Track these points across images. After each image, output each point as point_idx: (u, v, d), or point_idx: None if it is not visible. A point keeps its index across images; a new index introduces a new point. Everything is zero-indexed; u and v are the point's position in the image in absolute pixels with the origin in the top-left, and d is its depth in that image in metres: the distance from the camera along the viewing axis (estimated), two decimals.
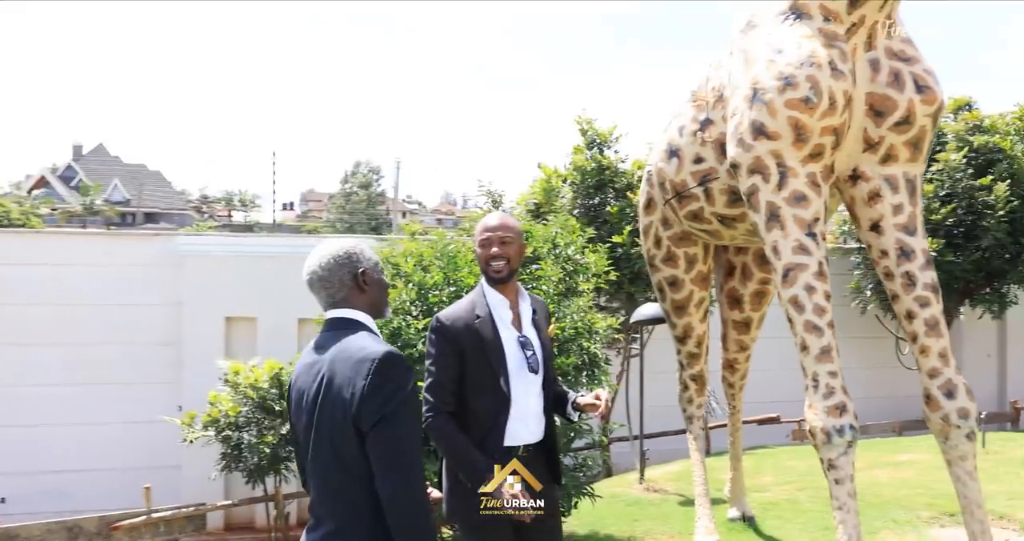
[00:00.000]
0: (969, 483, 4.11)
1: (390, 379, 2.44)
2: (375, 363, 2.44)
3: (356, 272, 2.72)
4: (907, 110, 4.16)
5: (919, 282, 4.18)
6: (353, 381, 2.45)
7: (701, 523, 5.57)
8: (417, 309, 5.28)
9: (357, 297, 2.73)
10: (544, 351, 3.54)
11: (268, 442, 9.02)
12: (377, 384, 2.42)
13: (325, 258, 2.73)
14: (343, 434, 2.46)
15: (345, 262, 2.73)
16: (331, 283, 2.73)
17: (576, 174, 10.72)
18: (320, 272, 2.73)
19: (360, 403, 2.42)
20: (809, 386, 4.07)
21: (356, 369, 2.46)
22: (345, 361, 2.51)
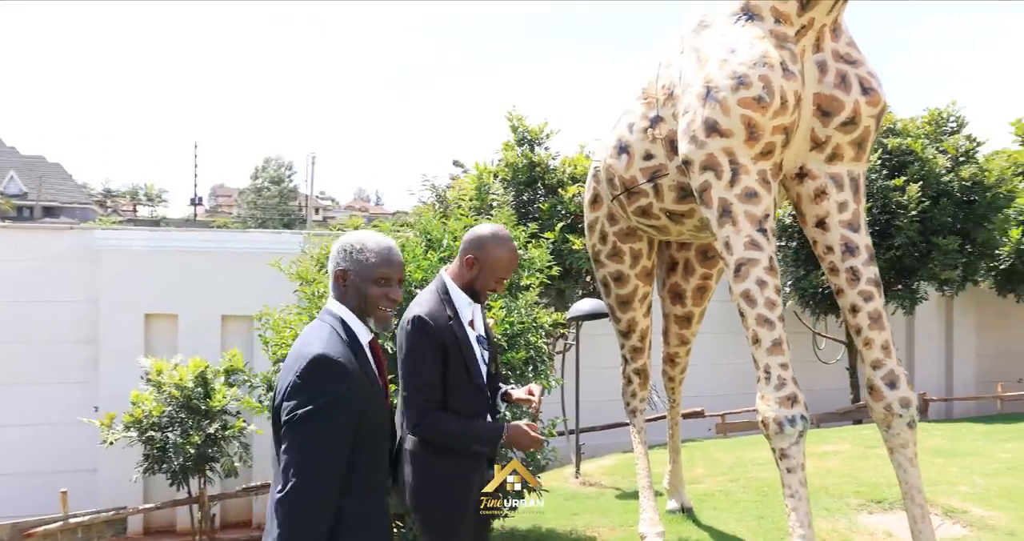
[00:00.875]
0: (910, 469, 4.26)
1: (315, 380, 2.44)
2: (306, 362, 2.45)
3: (342, 268, 2.71)
4: (853, 111, 4.30)
5: (863, 277, 4.33)
6: (286, 376, 2.50)
7: (646, 515, 5.66)
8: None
9: (339, 294, 2.74)
10: (493, 348, 3.60)
11: (194, 442, 8.83)
12: (301, 384, 2.43)
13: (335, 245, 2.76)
14: (275, 426, 2.55)
15: (336, 254, 2.74)
16: (328, 272, 2.78)
17: (507, 171, 10.75)
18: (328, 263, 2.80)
19: (283, 398, 2.47)
20: (761, 378, 4.17)
21: (292, 364, 2.49)
22: (291, 353, 2.57)
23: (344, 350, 2.55)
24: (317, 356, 2.46)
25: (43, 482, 11.01)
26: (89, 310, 11.35)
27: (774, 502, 6.88)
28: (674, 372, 6.53)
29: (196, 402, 9.14)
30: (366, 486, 2.63)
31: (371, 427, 2.62)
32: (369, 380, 2.64)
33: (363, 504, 2.60)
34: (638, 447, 6.04)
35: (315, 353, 2.46)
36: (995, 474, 7.85)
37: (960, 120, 12.96)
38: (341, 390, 2.46)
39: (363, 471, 2.60)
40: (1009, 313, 16.18)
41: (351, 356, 2.57)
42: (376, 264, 2.68)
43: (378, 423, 2.69)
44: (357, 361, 2.59)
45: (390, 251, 2.72)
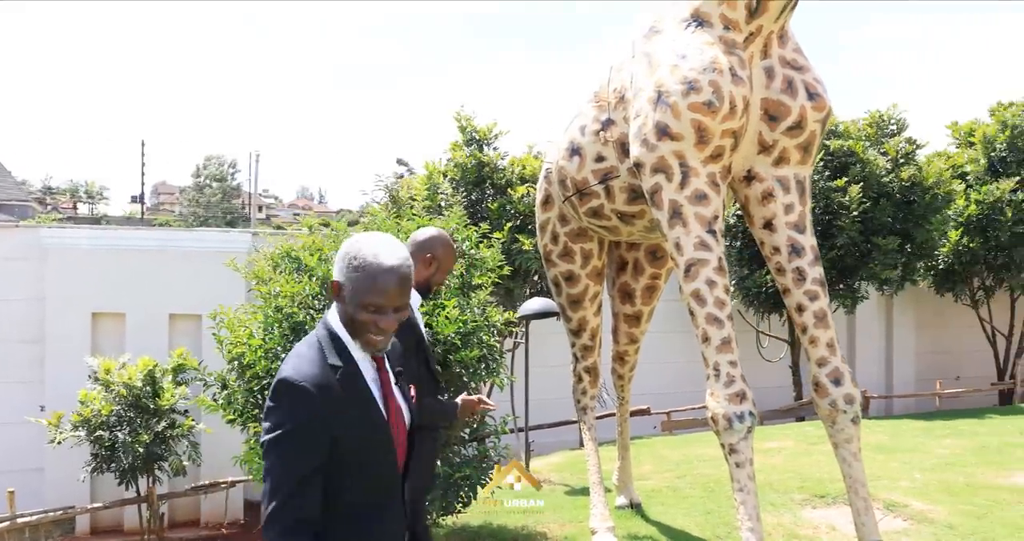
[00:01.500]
0: (854, 463, 4.40)
1: (280, 405, 2.27)
2: (274, 383, 2.31)
3: (334, 279, 2.41)
4: (799, 116, 4.42)
5: (808, 277, 4.46)
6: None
7: (596, 510, 5.76)
8: (321, 302, 5.29)
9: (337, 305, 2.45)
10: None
11: (142, 441, 8.78)
12: (271, 406, 2.30)
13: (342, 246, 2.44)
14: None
15: (338, 260, 2.41)
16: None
17: (457, 170, 10.80)
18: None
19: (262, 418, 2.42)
20: (711, 375, 4.28)
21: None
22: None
23: (318, 372, 2.31)
24: (281, 379, 2.28)
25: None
26: (35, 309, 11.16)
27: (721, 497, 7.03)
28: (623, 370, 6.64)
29: (145, 401, 9.09)
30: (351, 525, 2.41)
31: (354, 456, 2.36)
32: (356, 404, 2.38)
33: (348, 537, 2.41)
34: (588, 444, 6.14)
35: (281, 375, 2.29)
36: (934, 469, 8.08)
37: (900, 123, 13.27)
38: (302, 418, 2.24)
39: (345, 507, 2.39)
40: (947, 312, 16.58)
41: (327, 379, 2.31)
42: (366, 290, 2.31)
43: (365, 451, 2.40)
44: (342, 384, 2.33)
45: (387, 276, 2.31)
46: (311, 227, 6.57)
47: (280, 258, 5.76)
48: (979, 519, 6.28)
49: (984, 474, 7.83)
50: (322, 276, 5.27)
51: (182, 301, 11.49)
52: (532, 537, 6.28)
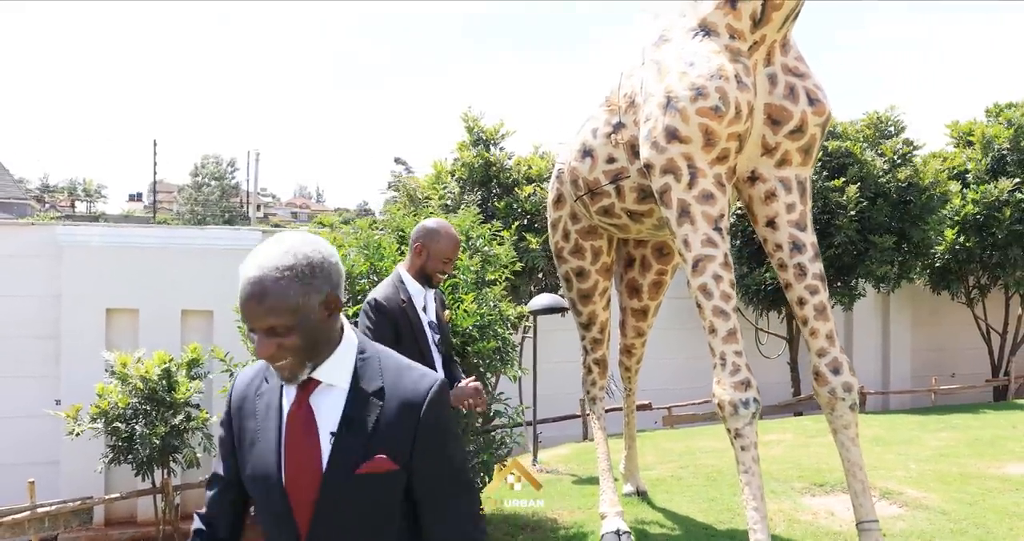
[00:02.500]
0: (852, 448, 4.67)
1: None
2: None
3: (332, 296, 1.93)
4: (800, 120, 4.68)
5: (809, 272, 4.72)
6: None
7: (605, 496, 6.02)
8: (345, 297, 5.54)
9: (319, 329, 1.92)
10: (444, 333, 4.04)
11: (160, 433, 9.03)
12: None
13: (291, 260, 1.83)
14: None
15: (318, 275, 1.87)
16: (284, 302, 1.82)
17: (464, 170, 11.05)
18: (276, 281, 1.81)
19: None
20: (717, 364, 4.54)
21: None
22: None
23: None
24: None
25: (5, 474, 11.10)
26: (50, 305, 11.41)
27: (723, 486, 7.30)
28: (630, 363, 6.91)
29: (161, 394, 9.34)
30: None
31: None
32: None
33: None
34: (598, 433, 6.41)
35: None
36: (928, 460, 8.36)
37: (898, 124, 13.54)
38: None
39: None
40: (942, 310, 16.86)
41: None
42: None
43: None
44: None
45: (243, 290, 1.82)
46: (332, 225, 6.83)
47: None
48: (971, 506, 6.55)
49: (976, 465, 8.10)
50: (346, 271, 5.53)
51: (194, 297, 11.74)
52: (543, 523, 6.54)
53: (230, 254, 11.87)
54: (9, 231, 11.89)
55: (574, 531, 6.20)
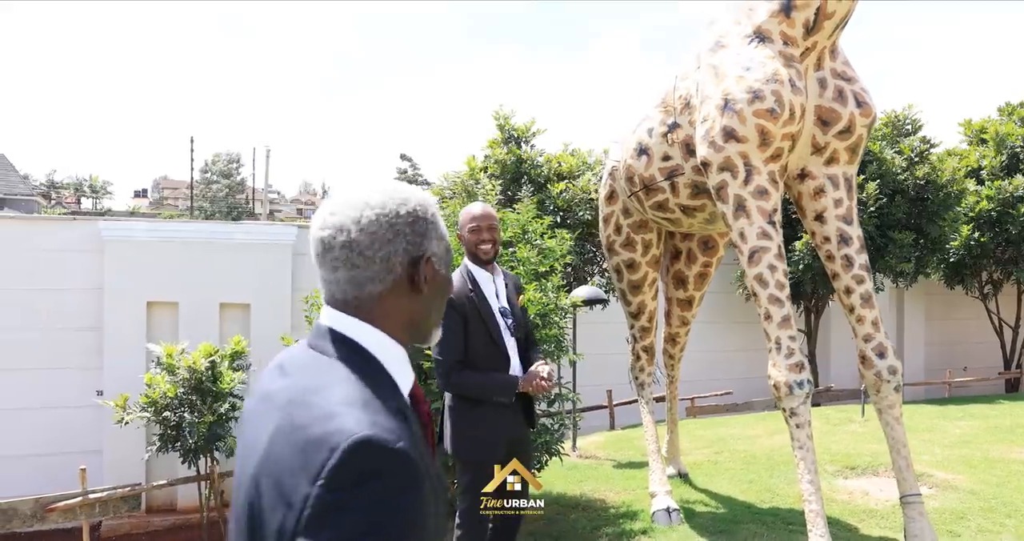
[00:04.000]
0: (896, 427, 5.00)
1: (362, 492, 1.19)
2: (335, 460, 1.20)
3: (419, 254, 1.47)
4: (848, 121, 5.01)
5: (856, 263, 5.05)
6: (297, 476, 1.23)
7: (655, 476, 6.37)
8: None
9: (397, 301, 1.47)
10: (517, 317, 4.33)
11: (207, 421, 9.36)
12: (336, 499, 1.18)
13: (371, 211, 1.45)
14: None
15: (405, 228, 1.46)
16: (367, 259, 1.44)
17: (496, 166, 11.39)
18: (354, 233, 1.44)
19: (305, 522, 1.19)
20: (772, 348, 4.87)
21: (303, 459, 1.23)
22: (293, 435, 1.28)
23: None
24: (358, 445, 1.21)
25: (49, 463, 11.45)
26: (93, 298, 11.73)
27: (759, 469, 7.65)
28: (674, 350, 7.26)
29: (207, 384, 9.67)
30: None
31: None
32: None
33: None
34: (646, 416, 6.76)
35: (355, 438, 1.22)
36: (952, 446, 8.71)
37: (915, 123, 13.87)
38: (401, 505, 1.23)
39: None
40: (956, 304, 17.21)
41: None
42: None
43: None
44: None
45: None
46: None
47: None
48: (998, 487, 6.90)
49: (999, 450, 8.45)
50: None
51: (232, 291, 12.08)
52: (592, 503, 6.88)
53: (266, 249, 12.26)
54: (52, 226, 12.24)
55: (624, 510, 6.54)
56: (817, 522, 4.59)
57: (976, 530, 5.75)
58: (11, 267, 11.52)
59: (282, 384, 1.42)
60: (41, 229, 12.03)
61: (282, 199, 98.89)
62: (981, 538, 5.60)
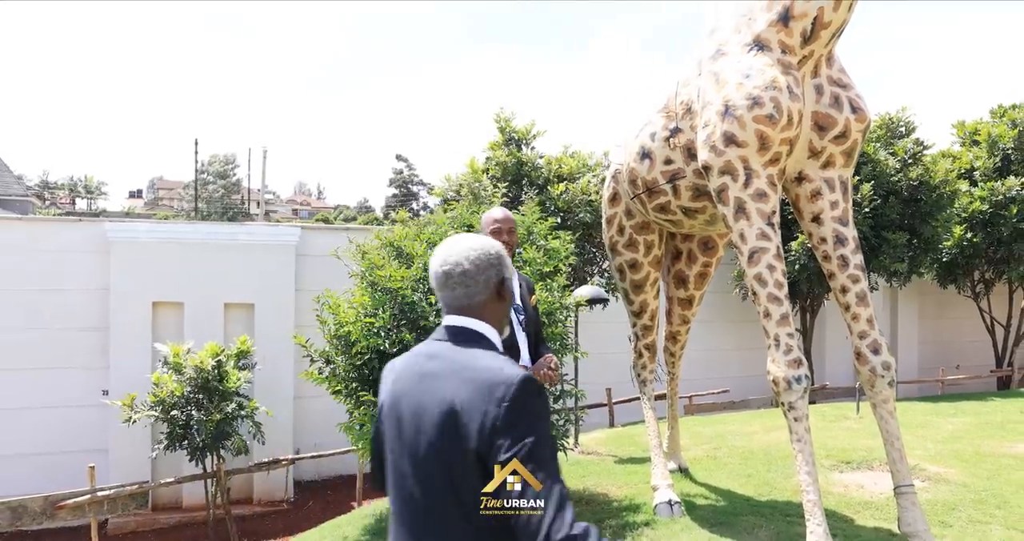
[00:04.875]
0: (890, 420, 5.20)
1: (529, 410, 2.03)
2: (512, 390, 2.02)
3: (503, 277, 2.33)
4: (844, 126, 5.21)
5: (851, 263, 5.25)
6: (484, 409, 2.02)
7: (657, 470, 6.57)
8: (424, 286, 6.08)
9: (492, 308, 2.32)
10: (529, 315, 4.52)
11: (214, 420, 9.52)
12: (514, 416, 2.00)
13: (475, 252, 2.29)
14: (463, 466, 2.06)
15: (496, 262, 2.32)
16: (474, 281, 2.28)
17: (497, 168, 11.59)
18: (467, 266, 2.26)
19: (492, 435, 2.01)
20: (771, 345, 5.07)
21: (487, 395, 2.03)
22: (472, 383, 2.08)
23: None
24: (523, 382, 2.05)
25: (55, 462, 11.60)
26: (99, 299, 11.91)
27: (756, 464, 7.86)
28: (675, 348, 7.45)
29: (213, 383, 9.84)
30: None
31: None
32: None
33: None
34: (648, 412, 6.97)
35: (518, 378, 2.05)
36: (944, 441, 8.93)
37: (909, 125, 14.09)
38: (547, 419, 2.19)
39: None
40: (948, 303, 17.47)
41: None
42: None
43: None
44: None
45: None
46: (404, 221, 7.36)
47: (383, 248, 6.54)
48: (988, 480, 7.12)
49: (990, 445, 8.68)
50: (427, 263, 6.06)
51: (236, 291, 12.26)
52: (595, 498, 7.07)
53: (270, 249, 12.44)
54: (59, 227, 12.40)
55: (627, 503, 6.73)
56: (815, 511, 4.79)
57: (967, 521, 5.96)
58: (18, 268, 11.70)
59: (439, 364, 2.22)
60: (47, 230, 12.20)
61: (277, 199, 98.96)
62: (972, 528, 5.80)
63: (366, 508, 8.36)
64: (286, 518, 11.48)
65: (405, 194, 75.55)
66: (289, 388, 12.35)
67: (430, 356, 2.28)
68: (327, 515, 9.79)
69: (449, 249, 2.32)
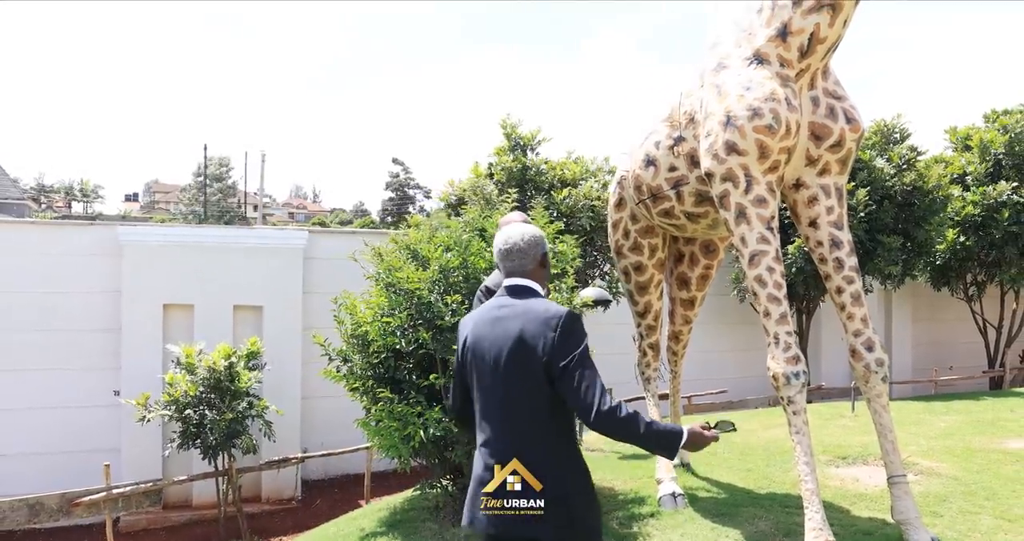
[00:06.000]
0: (883, 414, 5.49)
1: (574, 332, 3.04)
2: (562, 319, 3.04)
3: (544, 251, 3.36)
4: (839, 136, 5.50)
5: (846, 265, 5.54)
6: (544, 334, 3.02)
7: (661, 463, 6.86)
8: (440, 287, 6.36)
9: (538, 272, 3.34)
10: None
11: (227, 418, 9.77)
12: (565, 335, 3.01)
13: (527, 235, 3.33)
14: (534, 376, 3.03)
15: (540, 242, 3.35)
16: (526, 255, 3.30)
17: (503, 173, 11.87)
18: (521, 244, 3.30)
19: (552, 350, 3.00)
20: (771, 343, 5.35)
21: (545, 325, 3.04)
22: (534, 320, 3.08)
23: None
24: (571, 312, 3.09)
25: (67, 460, 11.84)
26: (111, 301, 12.16)
27: (756, 459, 8.14)
28: (677, 347, 7.75)
29: (225, 383, 10.08)
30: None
31: None
32: None
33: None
34: (652, 409, 7.26)
35: (568, 310, 3.10)
36: (937, 438, 9.22)
37: (903, 131, 14.41)
38: (586, 337, 3.11)
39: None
40: (941, 306, 17.78)
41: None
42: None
43: None
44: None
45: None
46: (419, 225, 7.64)
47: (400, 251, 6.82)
48: (978, 474, 7.40)
49: (980, 441, 8.97)
50: (443, 265, 6.35)
51: (245, 293, 12.51)
52: (601, 492, 7.33)
53: (278, 253, 12.70)
54: (71, 231, 12.63)
55: (632, 496, 7.01)
56: (812, 500, 5.07)
57: (957, 511, 6.24)
58: (32, 271, 11.94)
59: (507, 311, 3.19)
60: (60, 233, 12.43)
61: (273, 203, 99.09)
62: (962, 518, 6.08)
63: (380, 503, 8.61)
64: (294, 516, 11.73)
65: (401, 198, 75.64)
66: (296, 388, 12.62)
67: (499, 307, 3.25)
68: (335, 513, 10.00)
69: (509, 233, 3.36)
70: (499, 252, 3.36)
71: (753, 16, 5.59)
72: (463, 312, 6.14)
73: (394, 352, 6.54)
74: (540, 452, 3.09)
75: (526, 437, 3.10)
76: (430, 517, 7.04)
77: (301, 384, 12.66)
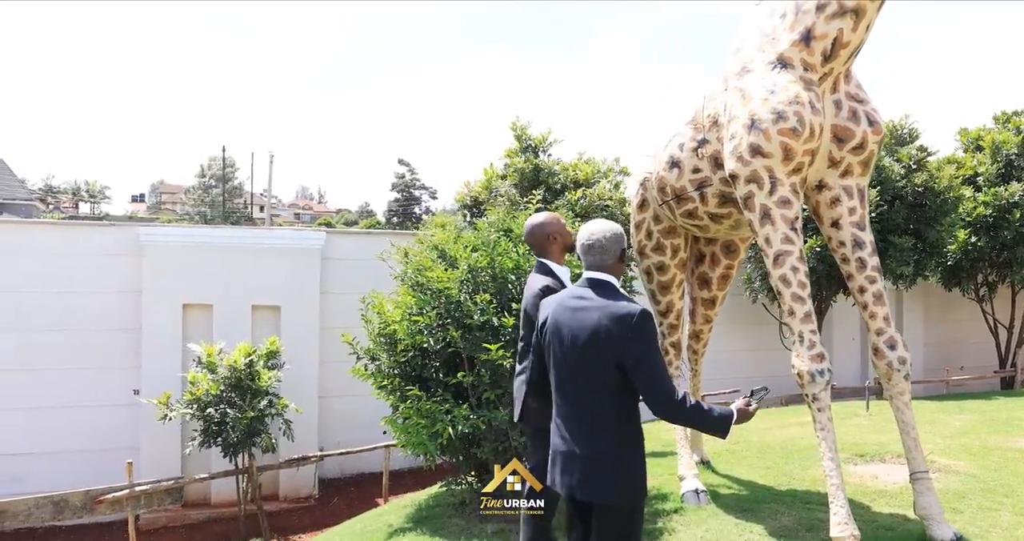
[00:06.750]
0: (906, 411, 5.59)
1: (646, 329, 3.36)
2: (636, 318, 3.34)
3: (623, 247, 3.64)
4: (862, 138, 5.60)
5: (868, 265, 5.64)
6: (619, 330, 3.34)
7: (683, 461, 6.97)
8: (469, 286, 6.48)
9: (616, 266, 3.61)
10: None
11: (248, 417, 9.89)
12: (639, 332, 3.34)
13: (609, 232, 3.61)
14: (604, 365, 3.37)
15: (620, 238, 3.63)
16: (607, 250, 3.58)
17: (515, 175, 11.99)
18: (603, 240, 3.58)
19: (626, 345, 3.33)
20: (796, 341, 5.46)
21: (621, 322, 3.34)
22: (611, 316, 3.38)
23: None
24: (642, 312, 3.38)
25: (88, 459, 11.97)
26: (131, 301, 12.30)
27: (775, 457, 8.25)
28: (698, 346, 7.86)
29: (246, 382, 10.21)
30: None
31: None
32: None
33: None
34: None
35: (639, 311, 3.38)
36: (952, 436, 9.32)
37: (913, 132, 14.50)
38: (657, 333, 3.50)
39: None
40: (953, 306, 17.84)
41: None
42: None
43: None
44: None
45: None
46: (444, 225, 7.76)
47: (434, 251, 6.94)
48: (996, 471, 7.50)
49: (995, 440, 9.06)
50: (471, 265, 6.46)
51: (263, 293, 12.63)
52: None
53: (296, 253, 12.83)
54: (92, 231, 12.78)
55: (655, 492, 7.11)
56: (837, 495, 5.18)
57: (977, 508, 6.34)
58: (53, 271, 12.08)
59: (586, 302, 3.49)
60: (81, 234, 12.58)
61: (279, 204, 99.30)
62: (982, 514, 6.18)
63: (404, 499, 8.72)
64: (312, 514, 11.85)
65: (407, 198, 75.77)
66: (313, 388, 12.75)
67: (578, 297, 3.55)
68: (352, 511, 10.11)
69: (592, 229, 3.64)
70: (582, 247, 3.62)
71: (776, 21, 5.71)
72: (491, 311, 6.26)
73: (421, 351, 6.65)
74: (607, 431, 3.43)
75: (594, 417, 3.45)
76: (456, 513, 7.14)
77: (318, 384, 12.79)
